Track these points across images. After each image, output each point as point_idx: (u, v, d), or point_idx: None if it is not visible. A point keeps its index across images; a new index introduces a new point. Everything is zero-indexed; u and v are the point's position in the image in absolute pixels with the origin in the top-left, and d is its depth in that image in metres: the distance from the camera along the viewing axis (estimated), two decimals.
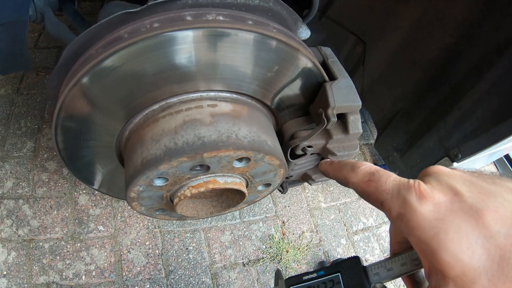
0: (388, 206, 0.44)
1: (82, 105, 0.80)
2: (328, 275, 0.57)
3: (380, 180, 0.46)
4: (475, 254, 0.37)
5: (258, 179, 0.95)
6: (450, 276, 0.38)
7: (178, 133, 0.78)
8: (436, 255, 0.38)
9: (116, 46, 0.68)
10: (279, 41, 0.77)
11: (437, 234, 0.39)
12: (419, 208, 0.40)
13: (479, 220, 0.37)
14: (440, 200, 0.40)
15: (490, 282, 0.36)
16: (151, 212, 0.99)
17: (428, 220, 0.39)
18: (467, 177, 0.42)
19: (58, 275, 1.55)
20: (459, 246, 0.37)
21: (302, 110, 0.98)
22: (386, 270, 0.52)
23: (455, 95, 1.26)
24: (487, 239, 0.37)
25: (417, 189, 0.41)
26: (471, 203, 0.39)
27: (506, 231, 0.36)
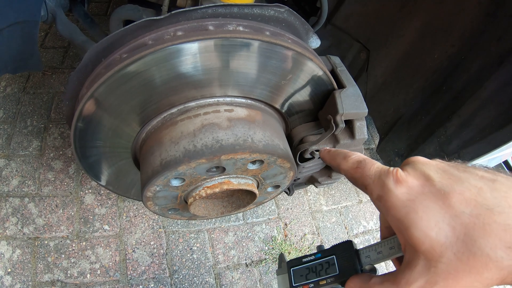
0: (370, 189, 0.50)
1: (101, 108, 0.83)
2: (324, 257, 0.64)
3: (365, 167, 0.53)
4: (442, 231, 0.42)
5: (268, 181, 0.98)
6: (421, 250, 0.43)
7: (197, 136, 0.81)
8: (408, 231, 0.44)
9: (142, 52, 0.72)
10: (294, 52, 0.80)
11: (408, 212, 0.44)
12: (395, 190, 0.46)
13: (446, 201, 0.43)
14: (413, 184, 0.46)
15: (455, 256, 0.41)
16: (164, 212, 1.02)
17: (402, 201, 0.45)
18: (441, 166, 0.47)
19: (63, 273, 1.56)
20: (427, 223, 0.42)
21: (311, 115, 1.02)
22: (376, 253, 0.57)
23: (456, 102, 1.29)
24: (452, 218, 0.42)
25: (394, 174, 0.48)
26: (440, 187, 0.44)
27: (470, 211, 0.41)
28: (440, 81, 1.33)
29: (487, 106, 1.20)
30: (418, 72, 1.38)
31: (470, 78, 1.23)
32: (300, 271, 0.67)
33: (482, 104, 1.21)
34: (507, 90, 1.12)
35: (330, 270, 0.61)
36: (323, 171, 1.19)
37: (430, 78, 1.35)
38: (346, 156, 0.58)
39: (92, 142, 0.94)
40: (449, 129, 1.34)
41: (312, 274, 0.64)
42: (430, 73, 1.34)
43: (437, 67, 1.31)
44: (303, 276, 0.66)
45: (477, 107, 1.23)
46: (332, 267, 0.61)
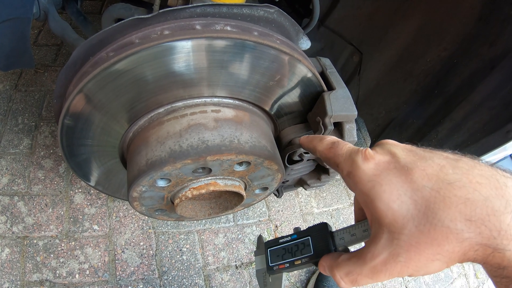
0: (341, 167, 0.53)
1: (89, 106, 0.82)
2: (300, 239, 0.66)
3: (338, 147, 0.55)
4: (404, 204, 0.43)
5: (256, 183, 0.98)
6: (384, 223, 0.44)
7: (183, 136, 0.80)
8: (373, 204, 0.46)
9: (128, 50, 0.71)
10: (282, 52, 0.80)
11: (373, 186, 0.46)
12: (362, 166, 0.49)
13: (409, 176, 0.45)
14: (380, 161, 0.48)
15: (416, 228, 0.42)
16: (150, 212, 1.02)
17: (368, 175, 0.47)
18: (408, 147, 0.50)
19: (52, 273, 1.55)
20: (390, 196, 0.44)
21: (300, 117, 1.02)
22: (350, 235, 0.59)
23: (448, 106, 1.29)
24: (414, 192, 0.43)
25: (363, 152, 0.50)
26: (404, 163, 0.46)
27: (431, 186, 0.43)
28: (432, 85, 1.33)
29: (479, 110, 1.20)
30: (411, 75, 1.38)
31: (462, 82, 1.23)
32: (276, 251, 0.69)
33: (474, 108, 1.21)
34: (499, 94, 1.13)
35: (305, 250, 0.63)
36: (312, 174, 1.19)
37: (422, 82, 1.35)
38: (322, 138, 0.61)
39: (80, 140, 0.93)
40: (440, 133, 1.34)
41: (288, 254, 0.67)
42: (422, 77, 1.34)
43: (430, 71, 1.31)
44: (279, 256, 0.68)
45: (469, 111, 1.24)
46: (307, 247, 0.63)
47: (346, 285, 0.50)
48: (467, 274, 2.24)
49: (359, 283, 0.49)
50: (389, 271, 0.45)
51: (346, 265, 0.50)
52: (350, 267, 0.49)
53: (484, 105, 1.18)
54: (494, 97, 1.15)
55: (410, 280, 2.03)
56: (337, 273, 0.51)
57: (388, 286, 1.95)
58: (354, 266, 0.48)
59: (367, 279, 0.47)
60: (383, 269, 0.45)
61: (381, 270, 0.45)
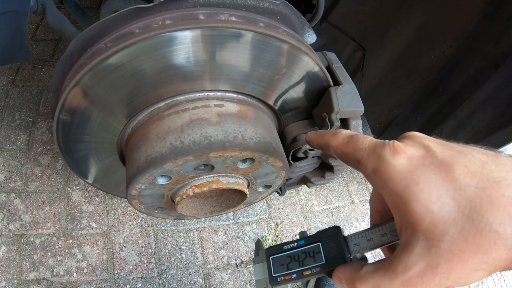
0: (364, 163, 0.46)
1: (86, 100, 0.79)
2: (308, 245, 0.57)
3: (358, 141, 0.48)
4: (445, 205, 0.37)
5: (259, 180, 0.95)
6: (420, 228, 0.38)
7: (184, 131, 0.78)
8: (407, 206, 0.39)
9: (127, 41, 0.68)
10: (289, 45, 0.77)
11: (408, 185, 0.40)
12: (392, 161, 0.42)
13: (449, 173, 0.39)
14: (413, 155, 0.42)
15: (460, 234, 0.36)
16: (150, 211, 0.99)
17: (400, 172, 0.41)
18: (440, 141, 0.44)
19: (49, 271, 1.52)
20: (429, 197, 0.38)
21: (305, 113, 0.99)
22: (366, 241, 0.52)
23: (452, 104, 1.28)
24: (457, 191, 0.38)
25: (391, 145, 0.43)
26: (442, 158, 0.40)
27: (476, 184, 0.37)
28: (436, 82, 1.31)
29: (484, 108, 1.19)
30: (414, 72, 1.36)
31: (467, 80, 1.21)
32: (280, 259, 0.60)
33: (479, 106, 1.20)
34: (504, 93, 1.12)
35: (315, 258, 0.55)
36: (316, 171, 1.17)
37: (426, 79, 1.34)
38: (336, 132, 0.53)
39: (77, 136, 0.90)
40: (444, 131, 1.32)
41: (295, 263, 0.58)
42: (426, 74, 1.33)
43: (433, 68, 1.30)
44: (284, 265, 0.59)
45: (473, 109, 1.22)
46: (317, 255, 0.55)
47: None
48: None
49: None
50: (425, 285, 0.39)
51: (372, 278, 0.44)
52: (376, 280, 0.43)
53: (489, 104, 1.17)
54: (498, 96, 1.13)
55: None
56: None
57: None
58: (382, 279, 0.42)
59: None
60: (418, 282, 0.39)
61: (415, 283, 0.39)
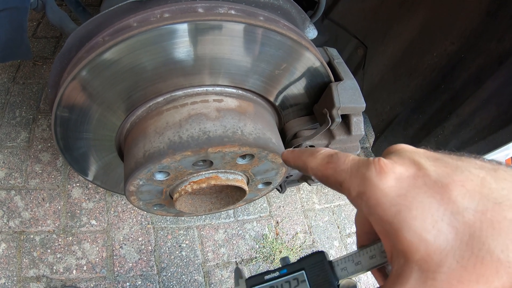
0: (347, 185, 0.40)
1: (84, 95, 0.79)
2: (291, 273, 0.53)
3: (338, 161, 0.42)
4: (441, 233, 0.33)
5: (259, 177, 0.94)
6: (414, 259, 0.34)
7: (183, 126, 0.77)
8: (398, 235, 0.35)
9: (125, 34, 0.67)
10: (289, 39, 0.76)
11: (399, 211, 0.35)
12: (380, 184, 0.37)
13: (445, 194, 0.34)
14: (402, 175, 0.37)
15: (458, 264, 0.33)
16: (148, 207, 0.98)
17: (390, 197, 0.36)
18: (432, 154, 0.38)
19: (49, 268, 1.52)
20: (423, 224, 0.34)
21: (306, 109, 0.98)
22: (354, 264, 0.48)
23: (454, 102, 1.27)
24: (454, 216, 0.33)
25: (376, 164, 0.38)
26: (436, 178, 0.35)
27: (475, 207, 0.33)
28: (438, 80, 1.30)
29: (487, 106, 1.18)
30: (416, 70, 1.35)
31: (470, 77, 1.20)
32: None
33: (481, 104, 1.19)
34: (507, 90, 1.10)
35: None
36: None
37: (428, 77, 1.33)
38: (314, 152, 0.47)
39: (76, 133, 0.89)
40: (447, 129, 1.31)
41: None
42: (428, 72, 1.32)
43: (436, 66, 1.28)
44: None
45: (476, 107, 1.21)
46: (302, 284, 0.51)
47: None
48: None
49: None
50: None
51: None
52: None
53: (492, 101, 1.16)
54: (502, 93, 1.12)
55: None
56: None
57: None
58: None
59: None
60: None
61: None
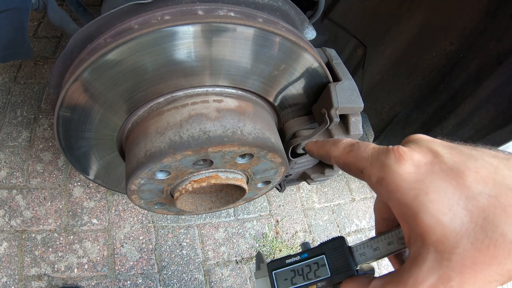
0: (368, 172, 0.43)
1: (86, 95, 0.79)
2: (312, 258, 0.55)
3: (359, 149, 0.45)
4: (457, 216, 0.35)
5: (258, 176, 0.95)
6: (431, 241, 0.36)
7: (183, 126, 0.78)
8: (416, 217, 0.37)
9: (127, 36, 0.68)
10: (288, 40, 0.77)
11: (417, 195, 0.37)
12: (398, 170, 0.39)
13: (460, 180, 0.36)
14: (420, 162, 0.39)
15: (473, 246, 0.35)
16: (149, 206, 0.99)
17: (408, 182, 0.38)
18: (448, 143, 0.41)
19: (50, 267, 1.53)
20: (440, 207, 0.36)
21: (304, 109, 0.99)
22: (372, 250, 0.50)
23: (453, 101, 1.27)
24: (469, 200, 0.35)
25: (396, 152, 0.40)
26: (452, 164, 0.37)
27: (489, 192, 0.35)
28: (437, 80, 1.31)
29: (486, 106, 1.18)
30: (416, 70, 1.36)
31: (469, 77, 1.21)
32: (284, 274, 0.57)
33: (480, 104, 1.20)
34: (506, 90, 1.11)
35: (320, 272, 0.53)
36: (316, 168, 1.16)
37: (427, 76, 1.33)
38: (336, 141, 0.50)
39: (78, 132, 0.90)
40: (446, 128, 1.32)
41: (299, 277, 0.55)
42: (427, 71, 1.32)
43: (435, 66, 1.29)
44: (287, 280, 0.57)
45: (475, 106, 1.22)
46: (322, 268, 0.53)
47: None
48: None
49: None
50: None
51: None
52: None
53: (491, 101, 1.17)
54: (501, 93, 1.13)
55: None
56: None
57: None
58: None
59: None
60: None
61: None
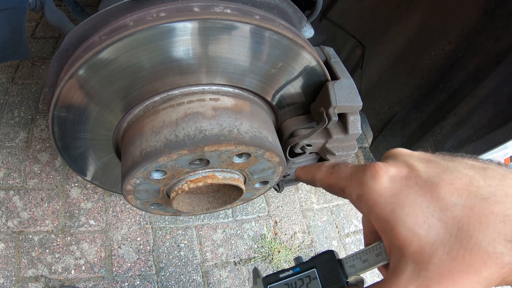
0: (348, 191, 0.45)
1: (81, 93, 0.79)
2: (304, 271, 0.57)
3: (339, 170, 0.47)
4: (432, 228, 0.37)
5: (256, 176, 0.94)
6: (408, 252, 0.38)
7: (179, 125, 0.77)
8: (393, 230, 0.39)
9: (121, 33, 0.67)
10: (285, 38, 0.76)
11: (393, 209, 0.39)
12: (375, 186, 0.41)
13: (435, 193, 0.38)
14: (395, 177, 0.41)
15: (449, 255, 0.36)
16: (146, 206, 0.98)
17: (384, 197, 0.40)
18: (426, 156, 0.42)
19: (47, 268, 1.52)
20: (415, 220, 0.38)
21: (302, 108, 0.98)
22: (361, 262, 0.52)
23: (452, 101, 1.27)
24: (443, 212, 0.37)
25: (372, 168, 0.42)
26: (427, 177, 0.39)
27: (463, 203, 0.36)
28: (436, 79, 1.30)
29: (484, 105, 1.18)
30: (414, 69, 1.36)
31: (467, 76, 1.21)
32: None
33: (479, 103, 1.19)
34: (505, 89, 1.11)
35: (312, 285, 0.56)
36: None
37: (426, 76, 1.33)
38: (320, 165, 0.53)
39: (74, 132, 0.90)
40: (444, 128, 1.31)
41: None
42: (426, 71, 1.32)
43: (434, 65, 1.29)
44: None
45: (473, 106, 1.21)
46: (313, 281, 0.56)
47: None
48: None
49: None
50: None
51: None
52: None
53: (489, 100, 1.16)
54: (499, 92, 1.13)
55: None
56: None
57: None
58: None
59: None
60: None
61: None
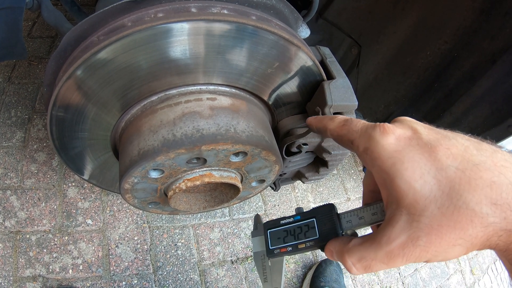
0: (356, 143, 0.50)
1: (79, 94, 0.79)
2: (303, 220, 0.61)
3: (352, 124, 0.52)
4: (427, 183, 0.41)
5: (253, 175, 0.95)
6: (404, 204, 0.42)
7: (176, 124, 0.78)
8: (393, 182, 0.43)
9: (119, 34, 0.68)
10: (281, 38, 0.77)
11: (394, 163, 0.43)
12: (381, 141, 0.46)
13: (432, 154, 0.42)
14: (401, 136, 0.45)
15: (439, 210, 0.40)
16: (143, 205, 0.99)
17: (388, 151, 0.45)
18: (428, 125, 0.48)
19: (45, 268, 1.52)
20: (412, 174, 0.42)
21: (299, 107, 0.99)
22: (358, 218, 0.55)
23: (448, 100, 1.28)
24: (438, 171, 0.41)
25: (381, 126, 0.47)
26: (427, 140, 0.44)
27: (457, 165, 0.40)
28: (432, 79, 1.31)
29: (480, 104, 1.19)
30: (410, 69, 1.36)
31: (463, 75, 1.21)
32: (277, 233, 0.64)
33: (475, 102, 1.20)
34: (500, 88, 1.12)
35: (310, 233, 0.59)
36: (311, 166, 1.16)
37: (422, 75, 1.34)
38: (333, 117, 0.58)
39: (72, 132, 0.90)
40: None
41: (291, 237, 0.62)
42: (422, 70, 1.33)
43: (430, 64, 1.30)
44: (280, 238, 0.63)
45: (469, 105, 1.22)
46: (311, 230, 0.59)
47: (358, 272, 0.47)
48: (463, 270, 2.24)
49: (372, 269, 0.46)
50: (406, 256, 0.42)
51: (358, 250, 0.47)
52: (362, 252, 0.46)
53: (485, 99, 1.17)
54: (495, 91, 1.14)
55: (407, 276, 2.01)
56: (348, 259, 0.48)
57: (384, 282, 1.94)
58: (368, 251, 0.46)
59: (382, 265, 0.45)
60: (400, 254, 0.43)
61: (398, 254, 0.43)
